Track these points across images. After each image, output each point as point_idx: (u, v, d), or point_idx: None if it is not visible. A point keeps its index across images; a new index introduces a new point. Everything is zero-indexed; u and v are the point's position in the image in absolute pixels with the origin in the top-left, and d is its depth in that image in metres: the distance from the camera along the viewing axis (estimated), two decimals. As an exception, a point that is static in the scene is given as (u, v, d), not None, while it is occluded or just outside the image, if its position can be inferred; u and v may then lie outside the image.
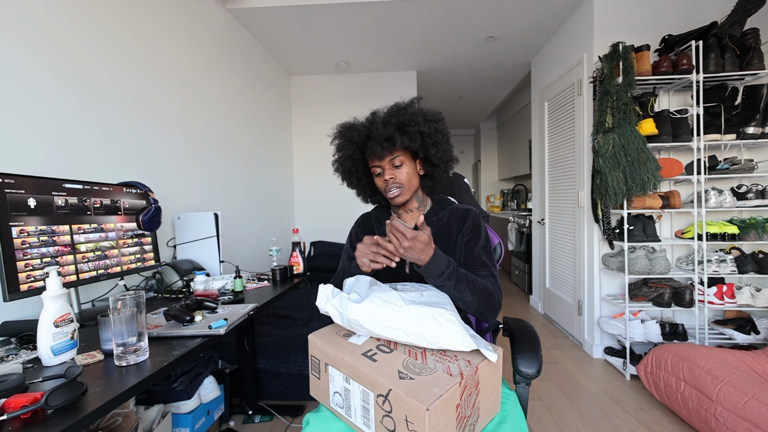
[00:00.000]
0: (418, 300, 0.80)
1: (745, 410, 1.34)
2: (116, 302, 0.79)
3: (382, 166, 1.02)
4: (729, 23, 2.02)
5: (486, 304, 0.91)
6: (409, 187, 1.03)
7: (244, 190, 2.69)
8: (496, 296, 0.93)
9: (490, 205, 6.23)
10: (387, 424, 0.66)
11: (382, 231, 1.12)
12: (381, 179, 1.03)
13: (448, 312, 0.77)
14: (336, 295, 0.82)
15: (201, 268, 1.64)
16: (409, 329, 0.74)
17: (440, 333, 0.73)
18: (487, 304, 0.91)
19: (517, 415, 0.84)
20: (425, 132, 0.99)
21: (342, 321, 0.80)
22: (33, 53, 1.21)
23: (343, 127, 1.06)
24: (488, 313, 0.93)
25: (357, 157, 1.06)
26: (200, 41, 2.16)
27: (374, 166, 1.03)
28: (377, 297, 0.78)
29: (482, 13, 2.60)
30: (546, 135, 3.15)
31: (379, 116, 1.03)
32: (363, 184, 1.12)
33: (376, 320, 0.75)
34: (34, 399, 0.61)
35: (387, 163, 1.01)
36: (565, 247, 2.82)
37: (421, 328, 0.74)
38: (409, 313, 0.75)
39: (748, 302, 2.05)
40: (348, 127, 1.05)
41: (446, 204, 1.12)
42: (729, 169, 2.08)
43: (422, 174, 1.09)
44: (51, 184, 1.06)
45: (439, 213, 1.09)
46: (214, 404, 1.58)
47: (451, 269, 0.86)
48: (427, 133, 1.00)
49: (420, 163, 1.07)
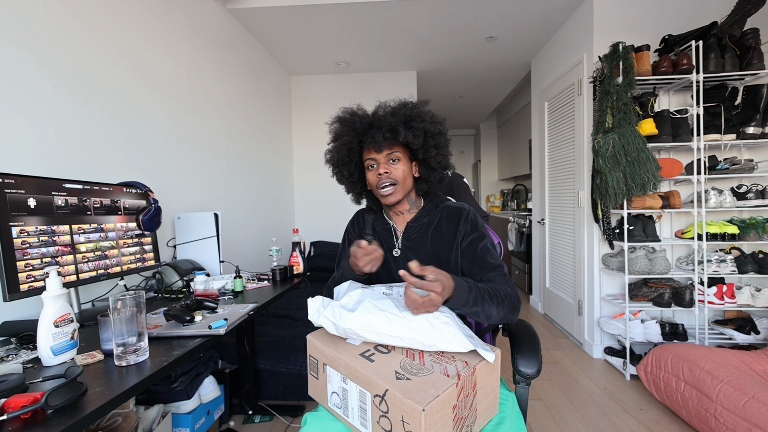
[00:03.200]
0: None
1: (745, 410, 1.34)
2: (116, 302, 0.79)
3: (377, 160, 0.97)
4: (729, 23, 2.02)
5: (509, 310, 0.88)
6: (403, 186, 0.98)
7: (244, 190, 2.69)
8: (515, 298, 0.90)
9: (490, 205, 6.22)
10: (384, 424, 0.66)
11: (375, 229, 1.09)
12: (374, 173, 0.97)
13: (443, 315, 0.77)
14: (327, 306, 0.80)
15: (201, 268, 1.64)
16: (405, 335, 0.74)
17: (437, 336, 0.73)
18: (511, 309, 0.88)
19: (515, 417, 0.84)
20: (429, 131, 0.96)
21: (337, 331, 0.79)
22: (33, 53, 1.21)
23: (345, 112, 1.00)
24: (513, 316, 0.89)
25: (354, 146, 0.99)
26: (200, 41, 2.17)
27: (369, 158, 0.98)
28: (370, 304, 0.78)
29: (482, 13, 2.60)
30: (546, 135, 3.15)
31: (384, 107, 0.98)
32: (354, 180, 1.05)
33: (371, 328, 0.75)
34: (34, 399, 0.61)
35: (384, 156, 0.96)
36: (565, 247, 2.82)
37: (417, 333, 0.73)
38: (404, 319, 0.75)
39: (748, 302, 2.05)
40: (350, 113, 1.00)
41: (439, 203, 1.06)
42: (729, 169, 2.08)
43: (417, 177, 1.04)
44: (51, 184, 1.06)
45: (430, 213, 1.04)
46: (214, 404, 1.58)
47: (474, 295, 0.82)
48: (431, 133, 0.96)
49: (416, 166, 1.03)
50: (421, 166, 1.04)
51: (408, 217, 1.05)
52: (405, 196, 1.02)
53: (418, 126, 0.94)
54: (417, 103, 0.99)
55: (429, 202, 1.07)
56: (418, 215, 1.04)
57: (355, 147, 1.00)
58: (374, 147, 0.96)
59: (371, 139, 0.94)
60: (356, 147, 1.00)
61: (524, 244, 3.96)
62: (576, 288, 2.64)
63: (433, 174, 1.03)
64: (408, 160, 1.00)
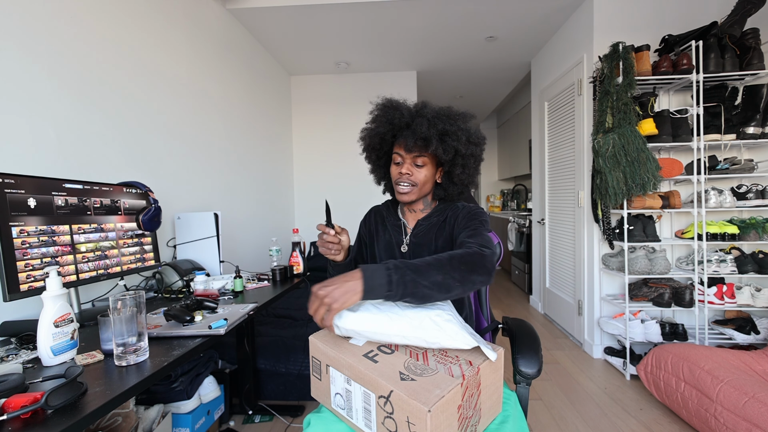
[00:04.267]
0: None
1: (745, 410, 1.34)
2: (116, 302, 0.78)
3: (404, 158, 0.99)
4: (729, 23, 2.02)
5: (468, 270, 0.77)
6: (421, 190, 1.01)
7: (244, 189, 2.69)
8: (477, 255, 0.79)
9: (490, 205, 6.23)
10: (389, 425, 0.66)
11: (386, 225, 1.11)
12: (397, 169, 1.01)
13: (445, 312, 0.77)
14: None
15: (201, 268, 1.64)
16: (407, 334, 0.74)
17: (440, 334, 0.73)
18: (467, 269, 0.77)
19: (517, 416, 0.84)
20: (461, 152, 0.96)
21: (340, 332, 0.79)
22: (33, 53, 1.21)
23: (389, 102, 1.01)
24: (478, 277, 0.78)
25: (387, 138, 1.02)
26: (200, 41, 2.16)
27: (397, 153, 1.00)
28: (371, 304, 0.78)
29: (482, 13, 2.60)
30: (546, 135, 3.15)
31: (429, 111, 0.96)
32: (380, 165, 1.10)
33: (373, 329, 0.75)
34: (34, 399, 0.61)
35: (411, 157, 0.98)
36: (565, 247, 2.82)
37: (420, 331, 0.73)
38: (405, 317, 0.75)
39: (748, 302, 2.05)
40: (393, 106, 1.00)
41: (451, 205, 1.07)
42: (729, 169, 2.08)
43: (438, 182, 1.06)
44: (51, 184, 1.06)
45: (443, 213, 1.05)
46: (214, 404, 1.58)
47: (399, 274, 0.73)
48: (462, 154, 0.97)
49: (440, 172, 1.04)
50: (444, 176, 1.05)
51: (420, 216, 1.08)
52: (420, 198, 1.05)
53: (452, 143, 0.95)
54: (459, 116, 0.98)
55: (442, 203, 1.09)
56: (430, 214, 1.06)
57: (387, 138, 1.02)
58: (404, 146, 0.98)
59: (404, 138, 0.96)
60: (389, 139, 1.02)
61: (524, 244, 3.96)
62: (576, 288, 2.64)
63: (453, 187, 1.05)
64: (434, 166, 1.02)
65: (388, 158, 1.08)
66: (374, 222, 1.14)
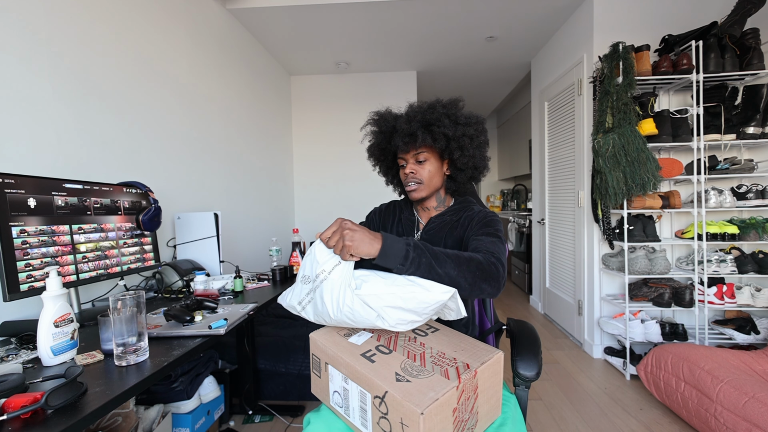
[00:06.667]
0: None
1: (745, 410, 1.34)
2: (116, 302, 0.79)
3: (406, 159, 1.03)
4: (729, 23, 2.02)
5: (478, 276, 0.77)
6: (429, 185, 1.02)
7: (244, 189, 2.69)
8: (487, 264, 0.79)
9: (490, 205, 6.22)
10: (383, 425, 0.66)
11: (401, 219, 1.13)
12: (403, 171, 1.04)
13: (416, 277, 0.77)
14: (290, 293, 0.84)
15: (201, 268, 1.64)
16: (380, 291, 0.73)
17: (414, 288, 0.73)
18: (480, 275, 0.77)
19: (516, 418, 0.84)
20: (450, 135, 0.97)
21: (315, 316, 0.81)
22: (33, 53, 1.21)
23: (376, 114, 1.07)
24: (486, 286, 0.79)
25: (385, 146, 1.07)
26: (200, 41, 2.16)
27: (400, 157, 1.04)
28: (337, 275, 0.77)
29: (482, 13, 2.60)
30: (546, 135, 3.15)
31: (410, 109, 1.03)
32: (392, 174, 1.15)
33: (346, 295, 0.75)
34: (34, 399, 0.61)
35: (411, 156, 1.02)
36: (565, 247, 2.82)
37: (394, 288, 0.73)
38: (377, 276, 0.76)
39: (748, 302, 2.05)
40: (380, 116, 1.06)
41: (467, 207, 1.06)
42: (729, 169, 2.08)
43: (448, 174, 1.07)
44: (51, 184, 1.06)
45: (458, 214, 1.05)
46: (214, 404, 1.58)
47: (412, 245, 0.75)
48: (452, 136, 0.97)
49: (447, 164, 1.06)
50: (451, 165, 1.06)
51: (433, 213, 1.10)
52: (433, 194, 1.07)
53: (437, 130, 0.97)
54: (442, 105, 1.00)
55: (458, 203, 1.10)
56: (444, 212, 1.07)
57: (386, 147, 1.07)
58: (399, 148, 1.02)
59: (395, 142, 1.01)
60: (388, 147, 1.07)
61: (524, 244, 3.96)
62: (576, 288, 2.64)
63: (461, 174, 1.06)
64: (438, 159, 1.04)
65: (397, 166, 1.11)
66: (390, 213, 1.17)
